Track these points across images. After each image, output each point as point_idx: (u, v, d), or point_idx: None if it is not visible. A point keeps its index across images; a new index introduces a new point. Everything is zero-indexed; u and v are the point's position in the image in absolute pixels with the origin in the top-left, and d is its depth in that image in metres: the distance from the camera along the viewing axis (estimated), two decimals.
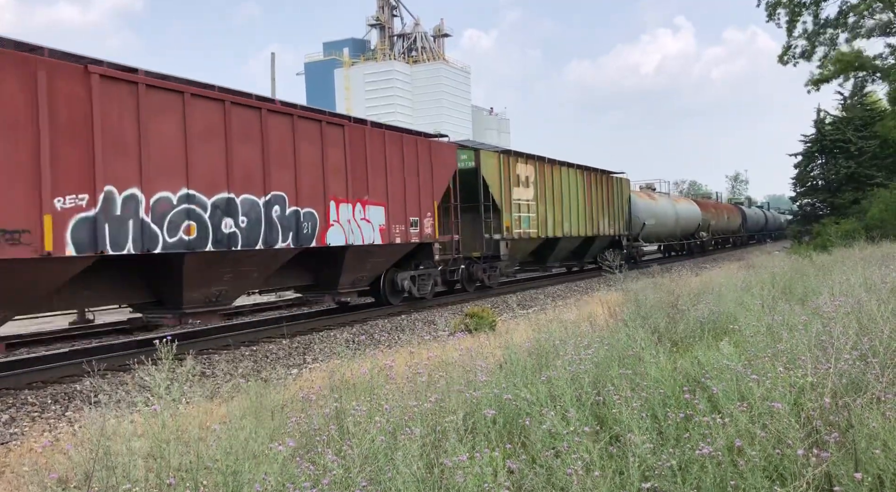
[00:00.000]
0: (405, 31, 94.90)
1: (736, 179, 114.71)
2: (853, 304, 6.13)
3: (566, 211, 23.16)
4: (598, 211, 25.86)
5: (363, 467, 3.45)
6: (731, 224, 48.84)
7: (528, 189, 20.96)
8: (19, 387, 8.66)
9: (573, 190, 23.84)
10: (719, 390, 4.17)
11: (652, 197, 34.77)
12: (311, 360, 10.44)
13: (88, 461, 3.45)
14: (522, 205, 20.57)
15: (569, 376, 4.70)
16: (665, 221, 34.34)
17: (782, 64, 29.50)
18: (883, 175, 31.54)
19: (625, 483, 3.25)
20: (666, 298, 8.23)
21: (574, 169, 24.21)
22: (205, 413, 4.99)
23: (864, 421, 3.47)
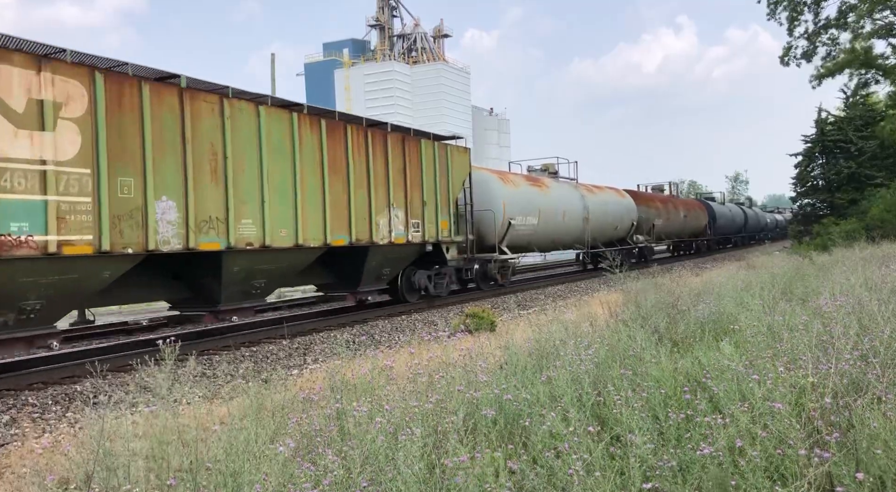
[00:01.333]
0: (405, 32, 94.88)
1: (736, 179, 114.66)
2: (854, 304, 6.13)
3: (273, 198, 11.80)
4: (381, 199, 14.44)
5: (364, 467, 3.45)
6: (691, 225, 38.31)
7: None
8: (20, 388, 8.65)
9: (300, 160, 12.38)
10: (720, 390, 4.17)
11: (537, 182, 22.92)
12: (312, 360, 10.44)
13: (89, 462, 3.44)
14: None
15: (569, 377, 4.70)
16: (556, 221, 22.52)
17: (784, 65, 29.47)
18: (883, 175, 31.52)
19: (626, 483, 3.25)
20: (666, 298, 8.22)
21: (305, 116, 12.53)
22: (206, 414, 4.99)
23: (866, 421, 3.47)
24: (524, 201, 20.91)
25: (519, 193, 20.84)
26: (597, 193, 26.72)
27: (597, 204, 25.81)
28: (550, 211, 22.38)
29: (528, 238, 21.34)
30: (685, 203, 39.04)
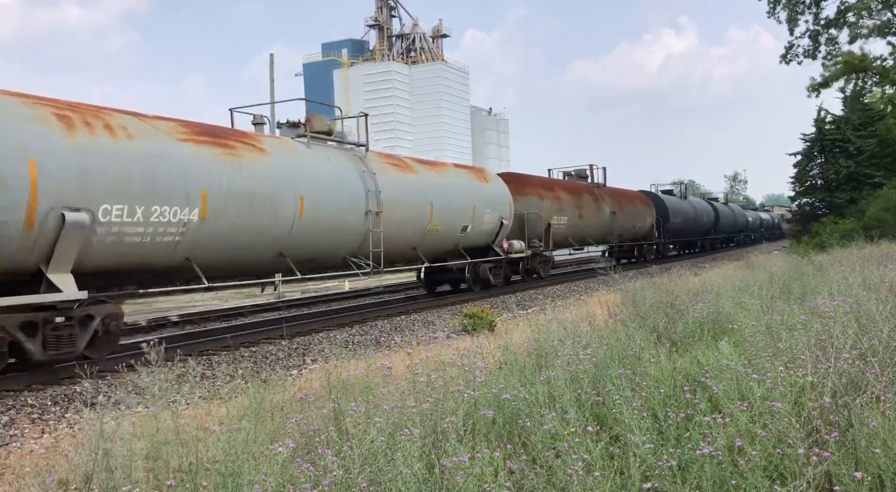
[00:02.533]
0: (404, 32, 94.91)
1: (735, 179, 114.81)
2: (852, 303, 6.13)
3: None
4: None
5: (363, 467, 3.45)
6: (627, 225, 29.17)
7: None
8: (19, 389, 8.64)
9: None
10: (719, 389, 4.17)
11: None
12: (311, 361, 10.44)
13: (88, 463, 3.44)
14: None
15: (568, 377, 4.70)
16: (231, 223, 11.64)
17: (785, 63, 29.40)
18: (882, 175, 31.55)
19: (625, 483, 3.25)
20: (664, 298, 8.23)
21: None
22: (205, 414, 4.99)
23: (864, 420, 3.48)
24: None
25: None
26: (446, 172, 18.04)
27: (421, 190, 16.17)
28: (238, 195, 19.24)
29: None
30: (618, 195, 29.17)
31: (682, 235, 37.63)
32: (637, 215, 30.69)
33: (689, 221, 37.97)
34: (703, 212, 41.01)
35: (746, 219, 54.56)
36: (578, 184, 27.49)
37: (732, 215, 49.37)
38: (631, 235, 30.27)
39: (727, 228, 47.17)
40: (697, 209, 40.13)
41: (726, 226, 46.67)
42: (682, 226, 36.57)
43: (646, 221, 31.47)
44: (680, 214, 36.29)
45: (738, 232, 51.99)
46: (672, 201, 36.21)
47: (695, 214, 39.28)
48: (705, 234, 42.41)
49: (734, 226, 49.48)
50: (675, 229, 35.25)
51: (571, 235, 24.58)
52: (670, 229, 34.46)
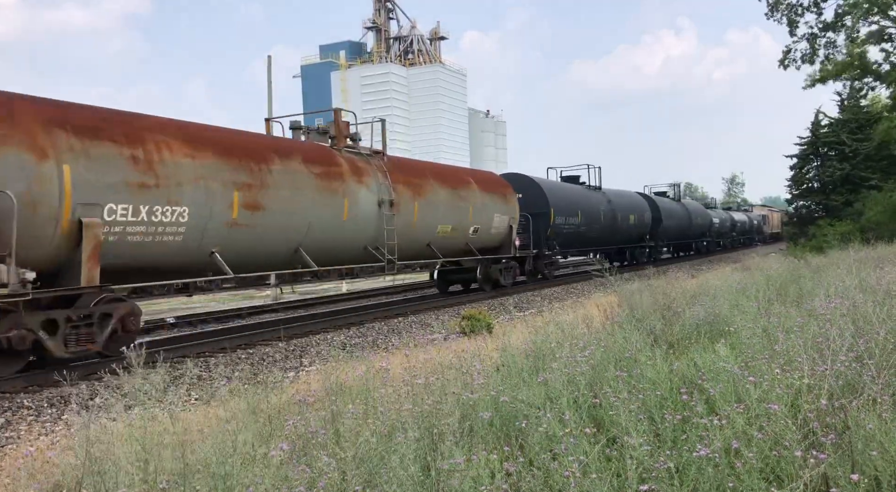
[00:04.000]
0: (401, 34, 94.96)
1: (732, 181, 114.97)
2: (849, 306, 6.14)
3: None
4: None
5: (359, 469, 3.45)
6: (442, 233, 16.96)
7: None
8: (15, 390, 8.62)
9: None
10: (716, 391, 4.17)
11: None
12: (308, 363, 10.42)
13: (78, 467, 3.43)
14: None
15: (565, 379, 4.70)
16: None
17: (783, 68, 29.43)
18: (878, 177, 31.63)
19: (622, 485, 3.24)
20: (661, 300, 8.24)
21: None
22: (201, 416, 4.97)
23: (861, 423, 3.48)
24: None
25: None
26: None
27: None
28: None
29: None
30: (461, 177, 18.70)
31: (589, 243, 25.92)
32: (487, 214, 19.13)
33: (603, 224, 26.20)
34: (634, 208, 29.81)
35: (710, 220, 43.51)
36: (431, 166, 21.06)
37: (685, 215, 37.75)
38: (480, 244, 18.97)
39: (675, 231, 36.08)
40: (616, 205, 28.05)
41: (674, 228, 35.56)
42: (575, 231, 24.10)
43: (501, 227, 19.81)
44: (576, 212, 24.03)
45: (699, 236, 41.43)
46: (572, 192, 24.81)
47: (609, 215, 27.13)
48: (636, 241, 31.35)
49: (688, 228, 38.30)
50: (568, 234, 23.56)
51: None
52: (562, 234, 23.05)
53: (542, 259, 23.03)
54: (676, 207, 37.91)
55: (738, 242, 54.20)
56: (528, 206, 21.82)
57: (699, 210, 42.91)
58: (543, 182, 24.22)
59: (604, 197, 28.42)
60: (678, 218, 37.03)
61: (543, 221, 22.50)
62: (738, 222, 53.21)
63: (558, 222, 23.60)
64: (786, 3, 28.02)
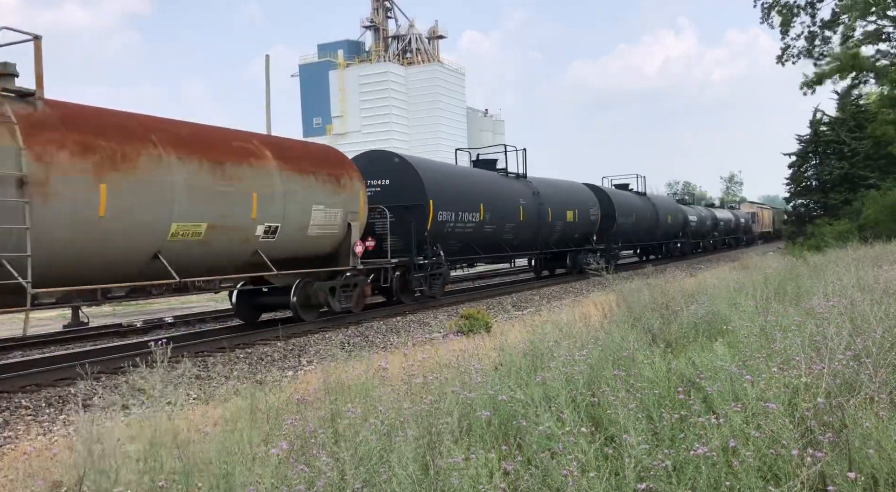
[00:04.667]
0: (400, 33, 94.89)
1: (731, 180, 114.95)
2: (846, 304, 6.15)
3: None
4: None
5: (358, 468, 3.45)
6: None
7: None
8: (13, 390, 8.61)
9: None
10: (714, 390, 4.18)
11: None
12: (307, 362, 10.42)
13: (80, 465, 3.43)
14: None
15: (563, 378, 4.70)
16: None
17: (781, 64, 29.50)
18: (876, 176, 31.68)
19: (620, 484, 3.25)
20: (659, 299, 8.24)
21: None
22: (200, 416, 4.97)
23: (858, 421, 3.48)
24: None
25: None
26: None
27: None
28: None
29: None
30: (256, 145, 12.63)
31: (490, 244, 19.98)
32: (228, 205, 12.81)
33: (506, 216, 20.16)
34: (562, 201, 23.61)
35: (684, 218, 38.25)
36: None
37: (650, 212, 32.26)
38: (287, 252, 13.29)
39: (637, 230, 30.54)
40: (546, 197, 22.44)
41: (634, 227, 30.00)
42: (488, 229, 19.37)
43: (248, 236, 12.55)
44: (466, 200, 18.39)
45: (670, 237, 36.11)
46: (443, 175, 18.25)
47: (534, 207, 21.75)
48: (581, 242, 25.71)
49: (655, 227, 32.83)
50: (463, 235, 18.42)
51: None
52: (449, 235, 17.80)
53: (418, 271, 16.60)
54: (638, 202, 32.21)
55: (722, 242, 48.98)
56: (396, 196, 16.54)
57: (670, 206, 37.18)
58: (420, 164, 17.58)
59: (527, 187, 22.19)
60: (641, 215, 31.32)
61: (419, 217, 16.53)
62: (722, 221, 48.03)
63: (442, 219, 17.36)
64: (780, 5, 28.06)
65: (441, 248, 17.48)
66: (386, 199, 16.60)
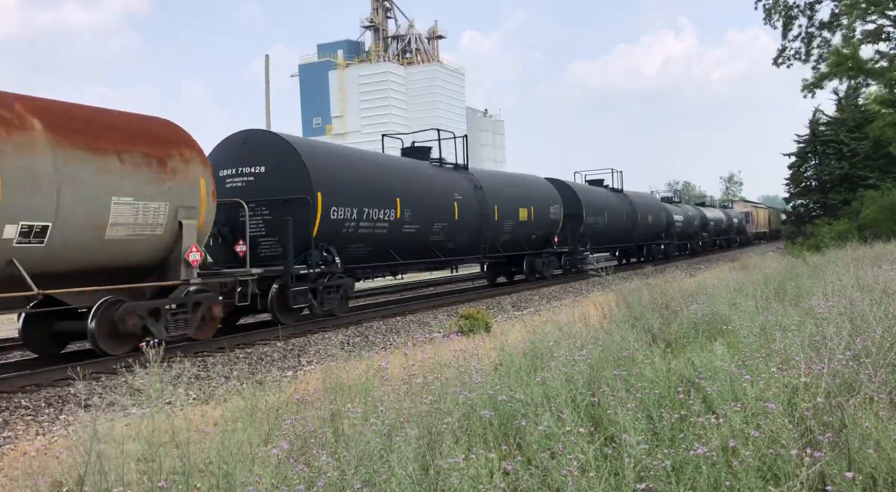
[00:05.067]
0: (399, 33, 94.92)
1: (730, 180, 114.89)
2: (846, 304, 6.15)
3: None
4: None
5: (358, 468, 3.45)
6: None
7: None
8: (13, 390, 8.61)
9: None
10: (713, 390, 4.18)
11: None
12: (306, 362, 10.43)
13: (80, 465, 3.43)
14: None
15: (563, 378, 4.70)
16: None
17: (776, 66, 29.64)
18: (875, 176, 31.70)
19: (620, 484, 3.25)
20: (659, 299, 8.25)
21: None
22: (200, 415, 4.98)
23: (858, 421, 3.49)
24: None
25: None
26: None
27: None
28: None
29: None
30: None
31: (413, 250, 16.32)
32: None
33: (435, 214, 16.75)
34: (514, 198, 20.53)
35: (668, 217, 35.31)
36: None
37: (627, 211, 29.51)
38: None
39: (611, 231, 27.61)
40: (492, 192, 19.29)
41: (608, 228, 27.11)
42: (410, 230, 15.89)
43: None
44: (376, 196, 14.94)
45: (651, 238, 33.17)
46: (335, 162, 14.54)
47: (474, 205, 18.44)
48: (540, 244, 22.36)
49: (632, 228, 30.02)
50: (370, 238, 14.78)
51: None
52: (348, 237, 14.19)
53: (298, 284, 12.88)
54: (612, 199, 29.22)
55: (712, 244, 46.15)
56: (274, 188, 13.01)
57: (651, 205, 34.11)
58: (305, 147, 13.80)
59: (466, 180, 18.90)
60: (615, 214, 28.42)
61: (301, 215, 12.83)
62: (712, 221, 45.27)
63: (338, 218, 13.62)
64: (782, 5, 28.10)
65: (337, 253, 13.75)
66: (261, 191, 12.99)
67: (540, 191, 23.33)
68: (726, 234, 50.19)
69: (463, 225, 18.28)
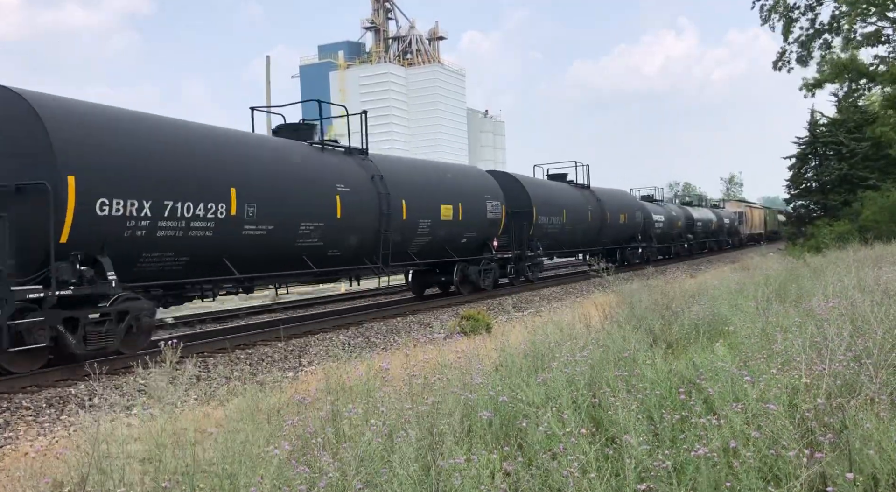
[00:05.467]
0: (400, 34, 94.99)
1: (731, 181, 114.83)
2: (847, 305, 6.16)
3: None
4: None
5: (359, 469, 3.46)
6: None
7: None
8: (13, 391, 8.62)
9: None
10: (714, 391, 4.19)
11: None
12: (307, 363, 10.43)
13: (84, 465, 3.44)
14: None
15: (564, 378, 4.71)
16: None
17: (776, 70, 29.65)
18: (876, 177, 31.68)
19: (621, 485, 3.26)
20: (660, 300, 8.26)
21: None
22: (202, 416, 4.98)
23: (859, 422, 3.49)
24: None
25: None
26: None
27: None
28: None
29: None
30: None
31: (273, 259, 12.25)
32: None
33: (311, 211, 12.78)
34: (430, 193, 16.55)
35: (645, 217, 31.37)
36: None
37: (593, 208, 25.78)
38: None
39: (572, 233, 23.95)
40: (396, 184, 15.29)
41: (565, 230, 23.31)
42: (259, 232, 11.60)
43: None
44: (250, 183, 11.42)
45: (625, 241, 29.81)
46: (101, 123, 9.75)
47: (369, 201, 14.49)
48: (473, 250, 18.76)
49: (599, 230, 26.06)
50: (174, 256, 10.48)
51: None
52: (141, 244, 9.85)
53: (30, 316, 8.63)
54: (576, 196, 25.12)
55: (700, 246, 42.04)
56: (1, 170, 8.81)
57: (624, 203, 29.43)
58: (47, 105, 9.14)
59: (361, 168, 14.80)
60: (578, 213, 24.42)
61: (40, 214, 8.71)
62: (699, 222, 41.22)
63: (120, 214, 9.46)
64: (782, 6, 28.10)
65: (114, 266, 9.50)
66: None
67: (472, 184, 18.92)
68: (716, 235, 46.04)
69: (350, 225, 13.87)
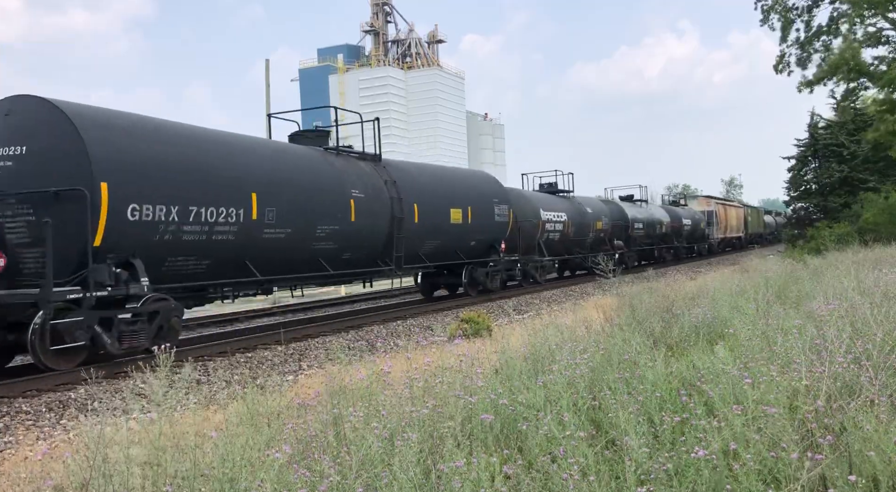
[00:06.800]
0: (399, 37, 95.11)
1: (731, 183, 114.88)
2: (847, 307, 6.16)
3: None
4: None
5: (360, 472, 3.46)
6: None
7: None
8: (13, 395, 8.61)
9: None
10: (715, 393, 4.19)
11: None
12: (307, 366, 10.43)
13: (85, 469, 3.44)
14: None
15: (565, 381, 4.71)
16: None
17: (777, 72, 29.64)
18: (875, 179, 31.71)
19: (621, 487, 3.26)
20: (661, 302, 8.26)
21: None
22: (202, 420, 4.99)
23: (859, 424, 3.49)
24: None
25: None
26: None
27: None
28: None
29: None
30: None
31: None
32: None
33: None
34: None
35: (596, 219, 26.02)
36: None
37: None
38: None
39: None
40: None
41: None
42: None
43: None
44: None
45: (476, 255, 19.75)
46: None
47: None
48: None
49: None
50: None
51: None
52: None
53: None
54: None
55: (641, 256, 32.17)
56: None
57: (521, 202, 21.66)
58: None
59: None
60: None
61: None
62: (638, 224, 30.84)
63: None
64: (780, 5, 28.11)
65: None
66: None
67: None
68: (667, 241, 35.04)
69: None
